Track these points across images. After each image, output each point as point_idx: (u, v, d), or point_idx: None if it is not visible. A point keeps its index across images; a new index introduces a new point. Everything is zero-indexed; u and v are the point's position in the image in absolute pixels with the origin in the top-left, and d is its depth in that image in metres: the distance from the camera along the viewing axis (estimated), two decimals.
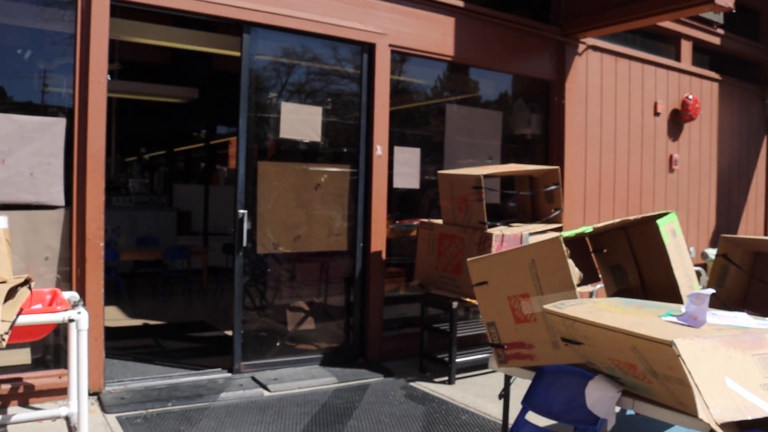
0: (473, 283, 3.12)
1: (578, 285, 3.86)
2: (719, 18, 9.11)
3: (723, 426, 2.08)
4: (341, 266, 6.05)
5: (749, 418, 2.10)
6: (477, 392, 5.24)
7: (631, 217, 3.40)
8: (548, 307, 2.57)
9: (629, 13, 6.55)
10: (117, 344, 5.97)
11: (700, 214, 8.87)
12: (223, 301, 8.61)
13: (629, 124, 7.84)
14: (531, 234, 5.30)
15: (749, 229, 9.75)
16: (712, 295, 4.10)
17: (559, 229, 5.50)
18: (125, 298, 8.58)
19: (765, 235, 9.99)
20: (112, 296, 8.23)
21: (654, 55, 8.22)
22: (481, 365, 5.57)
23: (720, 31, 9.15)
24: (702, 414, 2.02)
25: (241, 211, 5.33)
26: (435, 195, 6.23)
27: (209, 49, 7.72)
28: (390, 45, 5.99)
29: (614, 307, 2.59)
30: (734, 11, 6.55)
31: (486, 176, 5.33)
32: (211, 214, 11.48)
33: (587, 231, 3.27)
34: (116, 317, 7.51)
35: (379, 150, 5.92)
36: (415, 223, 6.31)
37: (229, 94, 5.19)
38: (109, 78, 4.78)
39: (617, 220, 3.37)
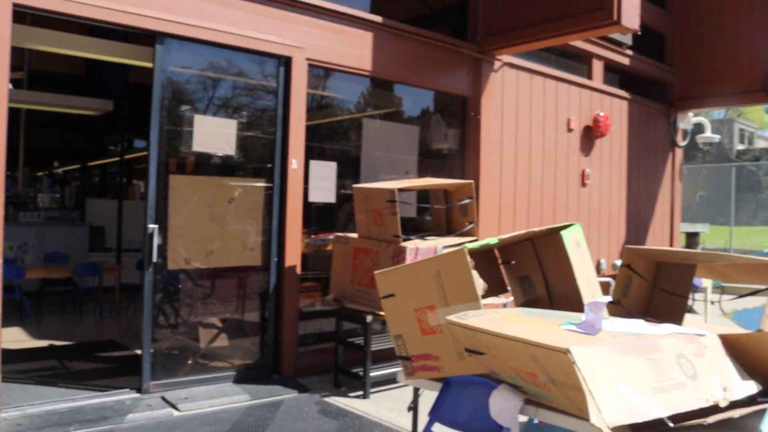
0: (381, 296, 3.10)
1: (486, 296, 3.91)
2: (628, 39, 9.48)
3: (615, 430, 2.11)
4: (255, 281, 5.95)
5: (640, 420, 2.14)
6: (391, 406, 5.22)
7: (537, 229, 3.46)
8: (451, 318, 2.57)
9: (542, 32, 6.73)
10: (17, 367, 5.69)
11: (611, 227, 9.16)
12: (135, 320, 8.33)
13: (544, 139, 8.04)
14: (445, 247, 5.34)
15: (656, 241, 10.12)
16: (617, 304, 4.23)
17: (473, 242, 5.56)
18: (30, 318, 8.19)
19: (671, 247, 10.39)
20: (15, 317, 7.86)
21: (567, 73, 8.48)
22: (395, 379, 5.55)
23: (629, 52, 9.52)
24: (594, 419, 2.05)
25: (152, 225, 5.17)
26: (351, 209, 6.22)
27: (124, 60, 7.53)
28: (307, 59, 5.97)
29: (516, 317, 2.61)
30: (640, 33, 6.81)
31: (401, 190, 5.35)
32: (125, 230, 11.13)
33: (492, 242, 3.31)
34: (19, 338, 7.16)
35: (295, 164, 5.87)
36: (331, 237, 6.27)
37: (145, 107, 5.07)
38: (11, 87, 4.57)
39: (523, 231, 3.42)
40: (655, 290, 4.47)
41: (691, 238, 17.86)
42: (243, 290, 6.03)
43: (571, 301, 3.52)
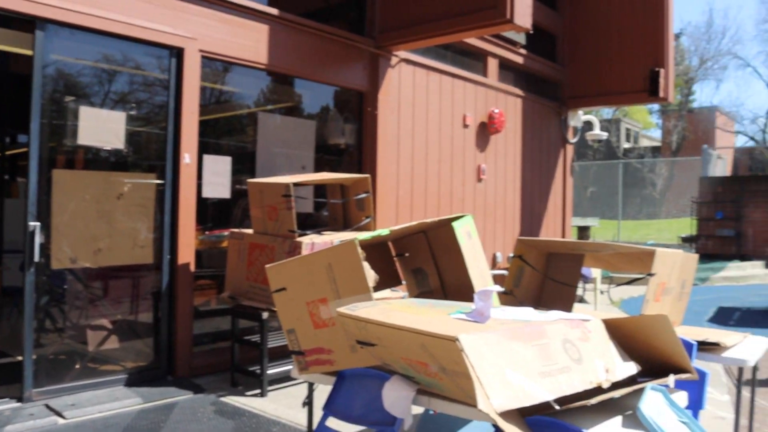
0: (272, 290, 3.04)
1: (380, 289, 3.91)
2: (522, 39, 9.75)
3: (504, 415, 2.14)
4: (147, 280, 5.74)
5: (527, 404, 2.18)
6: (289, 403, 5.15)
7: (429, 220, 3.48)
8: (341, 310, 2.54)
9: (437, 29, 6.81)
10: None
11: (506, 220, 9.40)
12: (20, 324, 7.86)
13: (440, 134, 8.15)
14: (341, 241, 5.31)
15: (549, 234, 10.47)
16: (510, 294, 4.32)
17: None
18: None
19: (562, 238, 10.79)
20: None
21: (464, 70, 8.63)
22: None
23: (523, 51, 9.79)
24: (482, 405, 2.07)
25: (33, 223, 4.89)
26: (247, 205, 6.10)
27: (1, 47, 7.08)
28: (200, 50, 5.80)
29: (407, 308, 2.62)
30: (533, 33, 7.02)
31: (296, 185, 5.28)
32: (6, 230, 10.51)
33: (384, 234, 3.31)
34: None
35: (188, 158, 5.70)
36: (226, 233, 6.13)
37: (29, 99, 4.78)
38: None
39: (414, 222, 3.43)
40: (546, 280, 4.60)
41: (583, 232, 18.61)
42: (134, 290, 5.80)
43: (464, 292, 3.57)
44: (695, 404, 3.38)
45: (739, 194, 18.06)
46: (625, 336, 2.74)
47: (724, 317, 9.63)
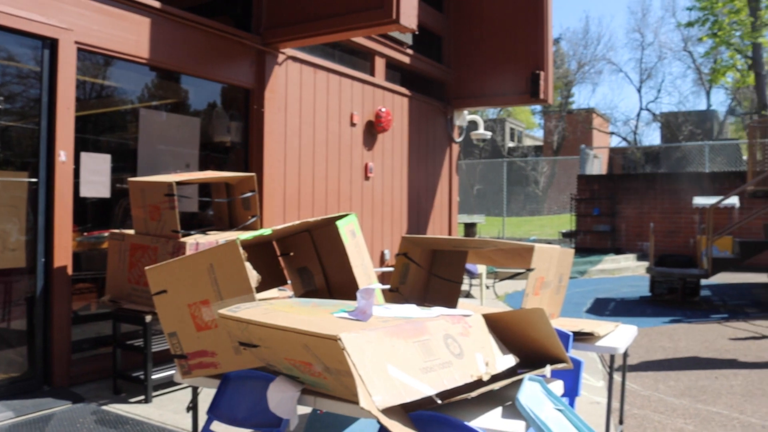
0: (153, 292, 2.96)
1: (265, 288, 3.88)
2: (409, 39, 9.90)
3: (387, 411, 2.18)
4: (20, 285, 5.43)
5: (409, 400, 2.22)
6: (175, 408, 5.02)
7: (312, 219, 3.49)
8: (223, 311, 2.51)
9: (324, 27, 6.81)
10: None
11: (394, 219, 9.53)
12: None
13: (327, 133, 8.16)
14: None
15: (436, 231, 10.71)
16: (396, 292, 4.39)
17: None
18: None
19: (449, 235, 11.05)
20: None
21: (351, 69, 8.67)
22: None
23: (410, 51, 9.95)
24: (363, 402, 2.10)
25: None
26: (129, 204, 5.89)
27: None
28: (77, 42, 5.53)
29: (290, 308, 2.61)
30: (419, 33, 7.15)
31: (179, 183, 5.15)
32: None
33: (266, 233, 3.28)
34: None
35: (63, 156, 5.44)
36: (106, 234, 5.90)
37: None
38: None
39: (297, 222, 3.43)
40: (431, 277, 4.70)
41: (469, 228, 19.12)
42: (5, 295, 5.47)
43: (349, 290, 3.60)
44: (571, 392, 3.55)
45: (613, 191, 19.09)
46: (505, 329, 2.85)
47: (601, 308, 10.17)
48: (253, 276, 2.77)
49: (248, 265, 2.73)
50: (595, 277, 15.08)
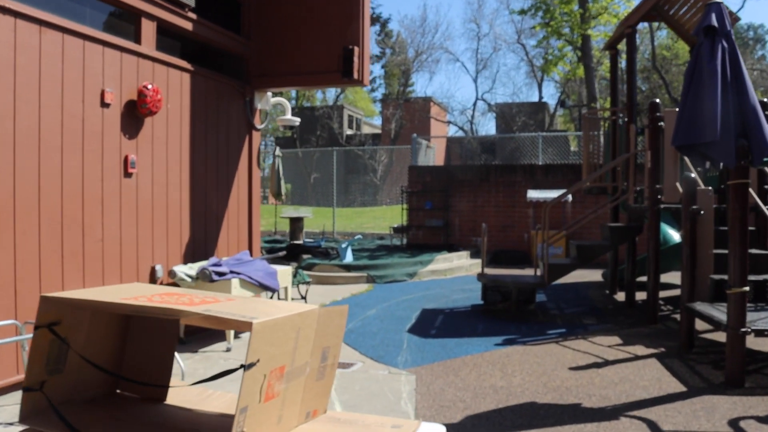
0: None
1: None
2: (191, 1, 8.00)
3: None
4: None
5: None
6: None
7: None
8: None
9: None
10: None
11: (170, 224, 7.61)
12: None
13: (63, 115, 6.11)
14: None
15: (231, 237, 8.89)
16: (39, 390, 2.63)
17: None
18: None
19: (249, 241, 9.27)
20: None
21: (103, 32, 6.66)
22: None
23: (192, 15, 8.04)
24: None
25: None
26: None
27: None
28: None
29: None
30: None
31: None
32: None
33: None
34: None
35: None
36: None
37: None
38: None
39: None
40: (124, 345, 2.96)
41: (296, 223, 17.48)
42: None
43: None
44: None
45: (446, 184, 18.11)
46: None
47: (426, 325, 8.82)
48: None
49: None
50: (425, 279, 13.87)
